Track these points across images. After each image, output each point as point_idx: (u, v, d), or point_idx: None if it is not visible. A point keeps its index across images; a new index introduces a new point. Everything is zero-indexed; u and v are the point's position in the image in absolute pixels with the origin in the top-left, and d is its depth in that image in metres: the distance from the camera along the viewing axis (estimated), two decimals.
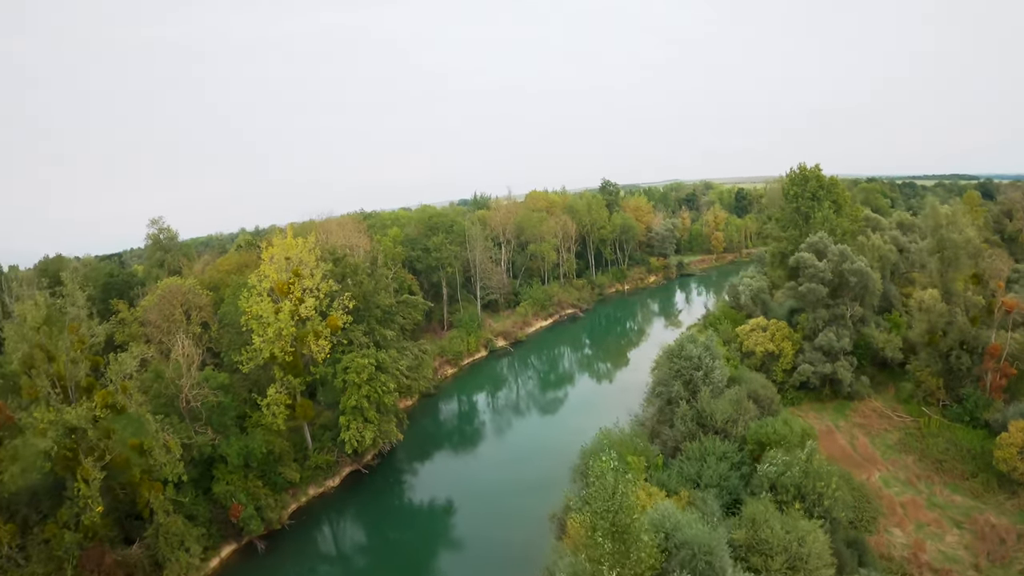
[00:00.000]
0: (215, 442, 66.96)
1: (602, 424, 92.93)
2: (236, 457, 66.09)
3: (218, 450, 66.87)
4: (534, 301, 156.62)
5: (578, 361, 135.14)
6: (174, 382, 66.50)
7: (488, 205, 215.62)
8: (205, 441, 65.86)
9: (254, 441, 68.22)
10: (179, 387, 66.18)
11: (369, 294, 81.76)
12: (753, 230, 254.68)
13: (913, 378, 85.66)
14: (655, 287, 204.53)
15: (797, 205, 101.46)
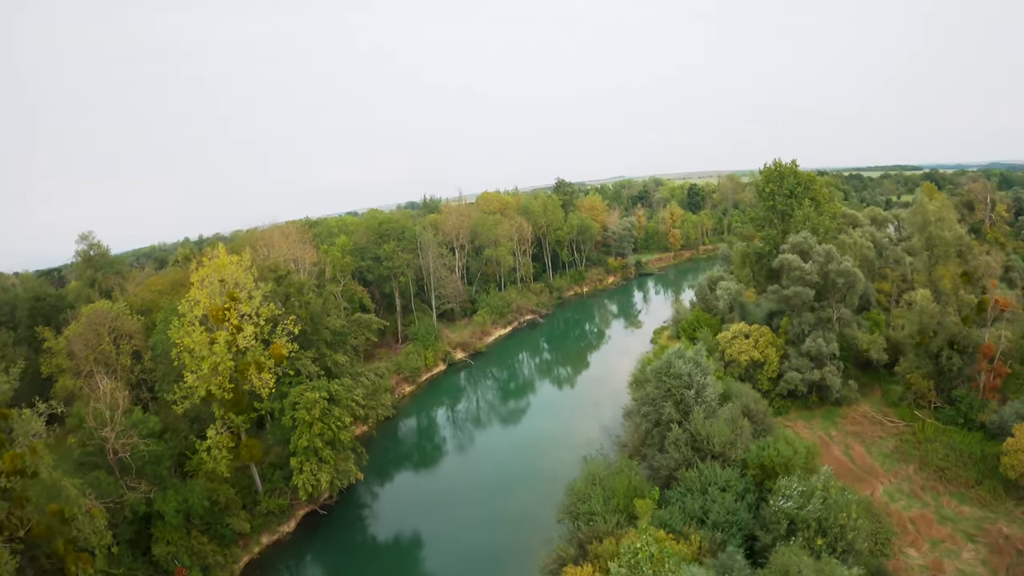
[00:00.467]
0: (151, 496, 58.08)
1: (575, 441, 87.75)
2: (175, 514, 57.36)
3: (154, 506, 58.00)
4: (492, 309, 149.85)
5: (543, 372, 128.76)
6: (97, 432, 57.21)
7: (438, 208, 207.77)
8: (138, 498, 57.00)
9: (194, 493, 59.46)
10: (104, 437, 56.98)
11: (317, 315, 73.42)
12: (709, 226, 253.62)
13: (903, 380, 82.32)
14: (614, 288, 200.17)
15: (773, 203, 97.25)
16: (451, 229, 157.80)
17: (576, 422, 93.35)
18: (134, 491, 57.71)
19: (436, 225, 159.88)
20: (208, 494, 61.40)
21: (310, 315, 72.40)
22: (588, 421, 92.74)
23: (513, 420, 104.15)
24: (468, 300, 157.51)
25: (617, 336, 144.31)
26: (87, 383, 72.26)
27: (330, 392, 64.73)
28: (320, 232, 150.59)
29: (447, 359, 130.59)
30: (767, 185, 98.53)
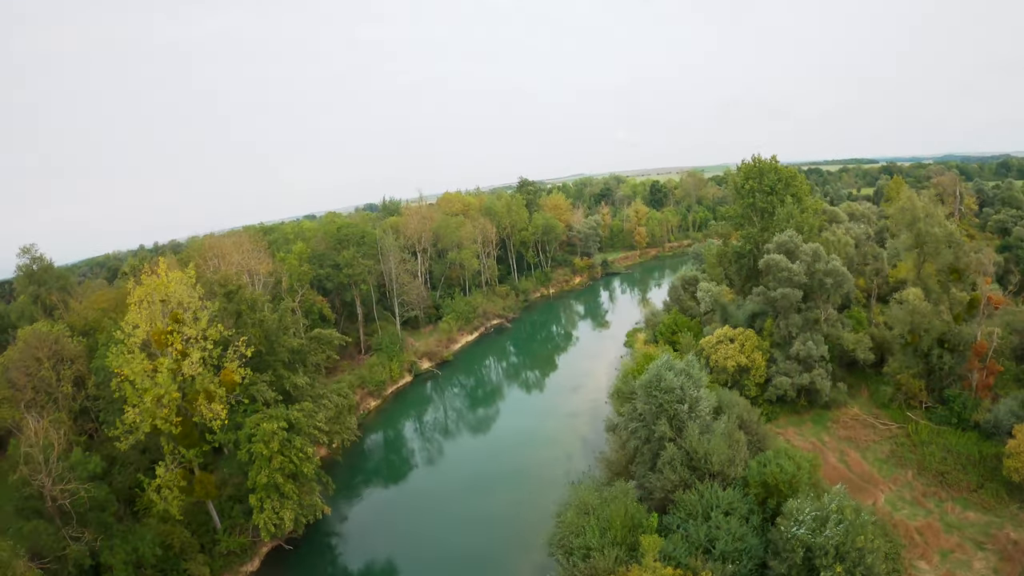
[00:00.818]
0: (96, 547, 51.60)
1: (555, 456, 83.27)
2: (123, 567, 51.01)
3: (100, 558, 51.53)
4: (457, 314, 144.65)
5: (515, 381, 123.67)
6: (30, 478, 50.53)
7: (399, 210, 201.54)
8: (82, 550, 50.54)
9: (144, 540, 53.17)
10: (40, 482, 50.33)
11: (273, 334, 67.33)
12: (674, 223, 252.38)
13: (892, 381, 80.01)
14: (581, 288, 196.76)
15: (753, 200, 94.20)
16: (412, 232, 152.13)
17: (555, 437, 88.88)
18: (78, 541, 51.25)
19: (397, 228, 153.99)
20: (160, 539, 55.13)
21: (265, 334, 66.29)
22: (567, 436, 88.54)
23: (486, 435, 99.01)
24: (433, 306, 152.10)
25: (588, 339, 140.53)
26: (23, 417, 65.01)
27: (289, 420, 58.80)
28: (275, 239, 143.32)
29: (413, 370, 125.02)
30: (746, 182, 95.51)
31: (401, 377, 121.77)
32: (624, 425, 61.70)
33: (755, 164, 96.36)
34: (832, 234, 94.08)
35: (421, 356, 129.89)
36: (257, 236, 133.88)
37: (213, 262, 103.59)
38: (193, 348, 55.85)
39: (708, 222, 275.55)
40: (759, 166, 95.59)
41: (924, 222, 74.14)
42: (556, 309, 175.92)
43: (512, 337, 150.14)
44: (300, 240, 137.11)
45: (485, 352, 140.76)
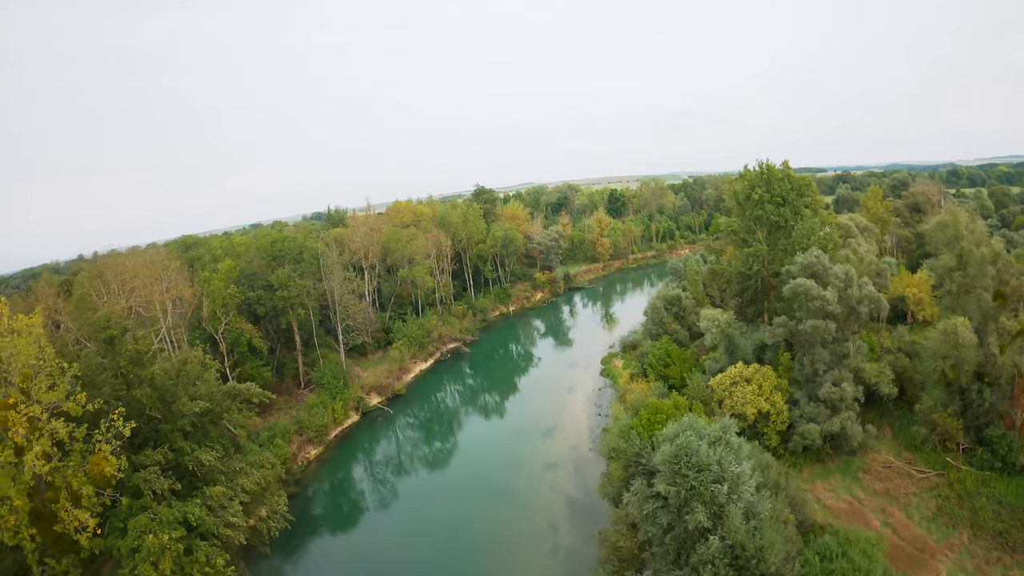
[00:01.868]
0: None
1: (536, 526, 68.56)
2: None
3: None
4: (410, 339, 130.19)
5: (477, 420, 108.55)
6: None
7: (344, 221, 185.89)
8: None
9: None
10: None
11: (169, 394, 51.91)
12: (637, 234, 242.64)
13: (924, 419, 69.42)
14: (543, 305, 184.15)
15: (762, 212, 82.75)
16: (359, 246, 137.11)
17: (532, 498, 74.64)
18: None
19: (342, 241, 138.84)
20: None
21: (159, 395, 51.02)
22: (548, 496, 74.89)
23: (450, 501, 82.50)
24: (382, 329, 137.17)
25: (558, 366, 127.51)
26: None
27: (189, 521, 43.80)
28: (198, 256, 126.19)
29: (360, 407, 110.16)
30: (752, 191, 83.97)
31: (346, 418, 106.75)
32: (636, 504, 48.72)
33: (762, 171, 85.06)
34: (853, 251, 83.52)
35: (369, 390, 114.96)
36: (175, 253, 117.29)
37: (115, 287, 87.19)
38: (40, 430, 40.22)
39: (672, 232, 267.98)
40: (768, 173, 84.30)
41: (967, 240, 63.81)
42: (518, 329, 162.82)
43: (472, 363, 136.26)
44: (229, 256, 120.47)
45: (442, 382, 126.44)
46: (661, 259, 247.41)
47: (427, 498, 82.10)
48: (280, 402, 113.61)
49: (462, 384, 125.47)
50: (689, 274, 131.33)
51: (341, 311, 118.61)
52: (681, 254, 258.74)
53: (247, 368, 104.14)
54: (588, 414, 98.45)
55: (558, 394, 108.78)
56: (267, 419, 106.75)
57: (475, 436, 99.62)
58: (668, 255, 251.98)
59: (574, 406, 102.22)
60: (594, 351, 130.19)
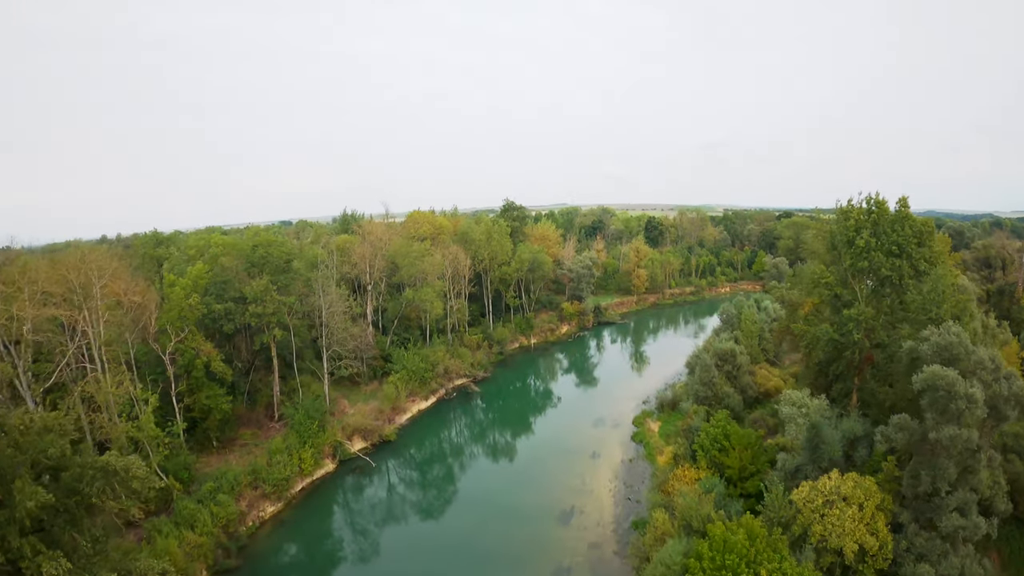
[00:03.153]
0: None
1: None
2: None
3: None
4: (409, 373, 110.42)
5: (473, 485, 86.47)
6: None
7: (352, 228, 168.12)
8: None
9: None
10: None
11: (7, 470, 32.37)
12: (676, 267, 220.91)
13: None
14: (568, 339, 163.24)
15: (867, 263, 61.71)
16: (363, 258, 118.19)
17: None
18: None
19: (345, 251, 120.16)
20: None
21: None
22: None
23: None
24: (381, 356, 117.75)
25: (581, 419, 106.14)
26: None
27: None
28: (167, 255, 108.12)
29: (339, 453, 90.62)
30: (856, 234, 62.93)
31: (318, 467, 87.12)
32: None
33: (871, 209, 64.01)
34: (981, 324, 62.04)
35: (352, 433, 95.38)
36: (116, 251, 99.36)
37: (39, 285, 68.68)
38: None
39: (713, 267, 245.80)
40: (878, 213, 63.23)
41: None
42: (538, 366, 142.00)
43: (480, 407, 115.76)
44: (205, 257, 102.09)
45: (440, 430, 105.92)
46: (699, 296, 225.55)
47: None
48: (246, 435, 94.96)
49: (464, 435, 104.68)
50: (744, 324, 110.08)
51: (328, 334, 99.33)
52: (721, 292, 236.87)
53: (202, 397, 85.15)
54: (615, 496, 77.47)
55: (579, 462, 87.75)
56: (225, 457, 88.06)
57: (469, 512, 78.61)
58: (707, 292, 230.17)
59: (598, 482, 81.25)
60: (624, 405, 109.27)
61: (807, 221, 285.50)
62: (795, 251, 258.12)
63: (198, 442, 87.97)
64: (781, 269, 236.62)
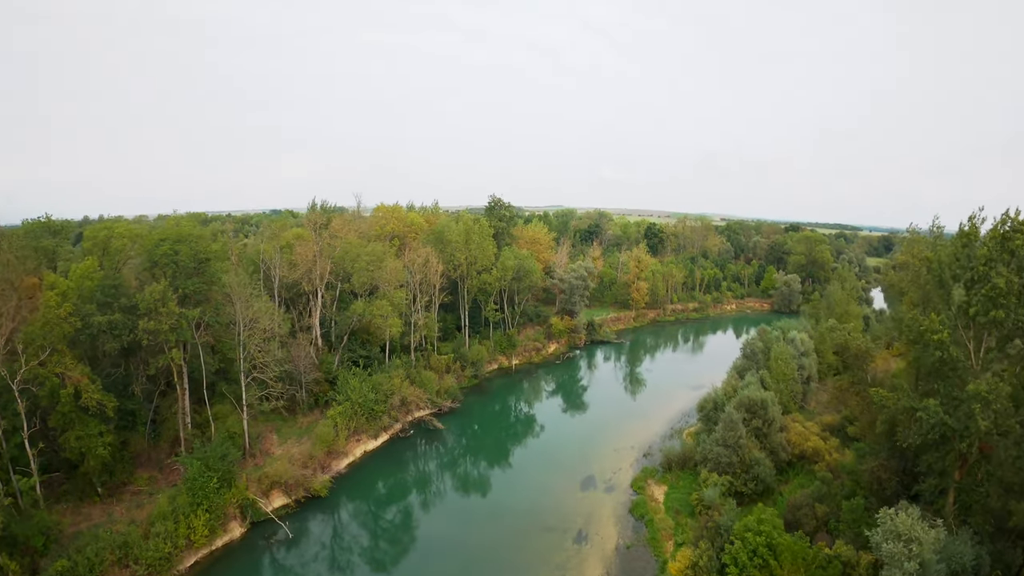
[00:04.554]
0: None
1: None
2: None
3: None
4: (354, 406, 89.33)
5: (414, 570, 66.25)
6: None
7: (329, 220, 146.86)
8: None
9: None
10: None
11: None
12: (678, 279, 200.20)
13: None
14: (556, 361, 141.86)
15: (1003, 313, 40.95)
16: (303, 259, 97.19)
17: None
18: None
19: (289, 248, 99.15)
20: None
21: None
22: None
23: None
24: (327, 379, 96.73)
25: (565, 478, 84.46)
26: None
27: None
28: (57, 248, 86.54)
29: (249, 513, 69.60)
30: (989, 268, 42.20)
31: (216, 536, 65.95)
32: None
33: (1006, 235, 43.14)
34: None
35: (271, 486, 74.45)
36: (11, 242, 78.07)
37: None
38: None
39: (718, 282, 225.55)
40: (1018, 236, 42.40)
41: None
42: (519, 396, 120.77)
43: (441, 450, 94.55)
44: (96, 251, 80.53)
45: (386, 480, 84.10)
46: (703, 313, 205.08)
47: None
48: (142, 480, 74.48)
49: (413, 494, 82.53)
50: (775, 363, 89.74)
51: (247, 357, 78.12)
52: (727, 310, 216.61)
53: (72, 437, 64.05)
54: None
55: (560, 547, 66.40)
56: (111, 508, 67.62)
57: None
58: (712, 309, 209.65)
59: (587, 564, 60.61)
60: (621, 456, 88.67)
61: (821, 236, 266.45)
62: (806, 268, 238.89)
63: (78, 489, 67.80)
64: (792, 288, 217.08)
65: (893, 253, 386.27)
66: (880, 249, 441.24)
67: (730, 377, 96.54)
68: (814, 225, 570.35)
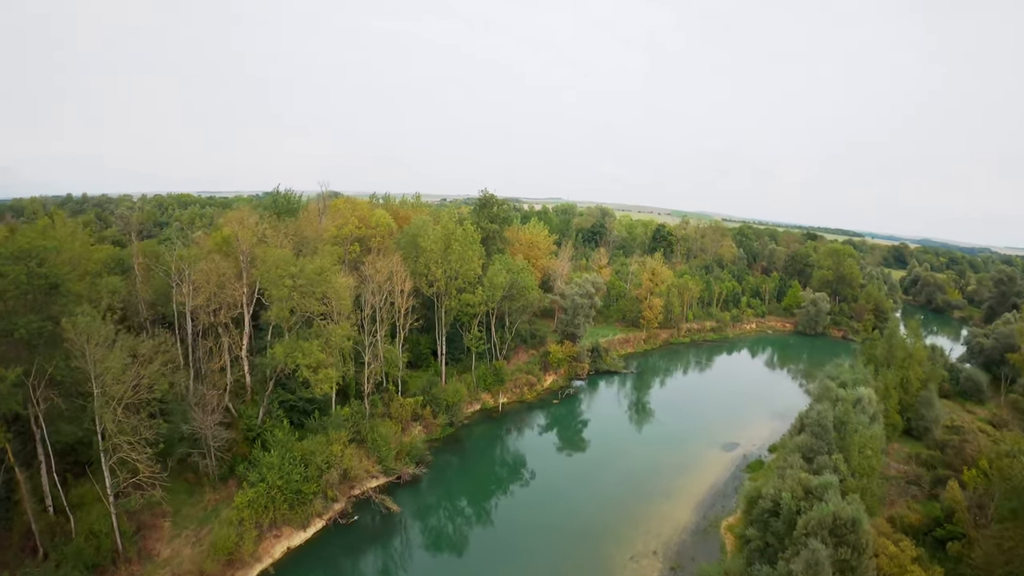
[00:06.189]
0: None
1: None
2: None
3: None
4: (269, 490, 64.75)
5: None
6: None
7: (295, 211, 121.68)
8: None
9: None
10: None
11: None
12: (695, 294, 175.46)
13: None
14: (553, 399, 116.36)
15: None
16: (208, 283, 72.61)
17: None
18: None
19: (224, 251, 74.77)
20: None
21: None
22: None
23: None
24: (250, 435, 72.40)
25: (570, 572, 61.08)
26: None
27: None
28: None
29: None
30: None
31: None
32: None
33: None
34: None
35: None
36: None
37: None
38: None
39: (737, 297, 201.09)
40: None
41: None
42: (505, 452, 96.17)
43: (397, 543, 70.08)
44: None
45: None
46: (722, 334, 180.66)
47: None
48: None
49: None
50: (857, 452, 66.05)
51: (112, 431, 53.44)
52: (747, 329, 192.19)
53: None
54: None
55: None
56: None
57: None
58: (730, 329, 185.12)
59: None
60: (640, 569, 64.51)
61: (848, 249, 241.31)
62: (832, 283, 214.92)
63: None
64: (820, 307, 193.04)
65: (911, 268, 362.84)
66: (890, 260, 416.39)
67: (788, 455, 72.11)
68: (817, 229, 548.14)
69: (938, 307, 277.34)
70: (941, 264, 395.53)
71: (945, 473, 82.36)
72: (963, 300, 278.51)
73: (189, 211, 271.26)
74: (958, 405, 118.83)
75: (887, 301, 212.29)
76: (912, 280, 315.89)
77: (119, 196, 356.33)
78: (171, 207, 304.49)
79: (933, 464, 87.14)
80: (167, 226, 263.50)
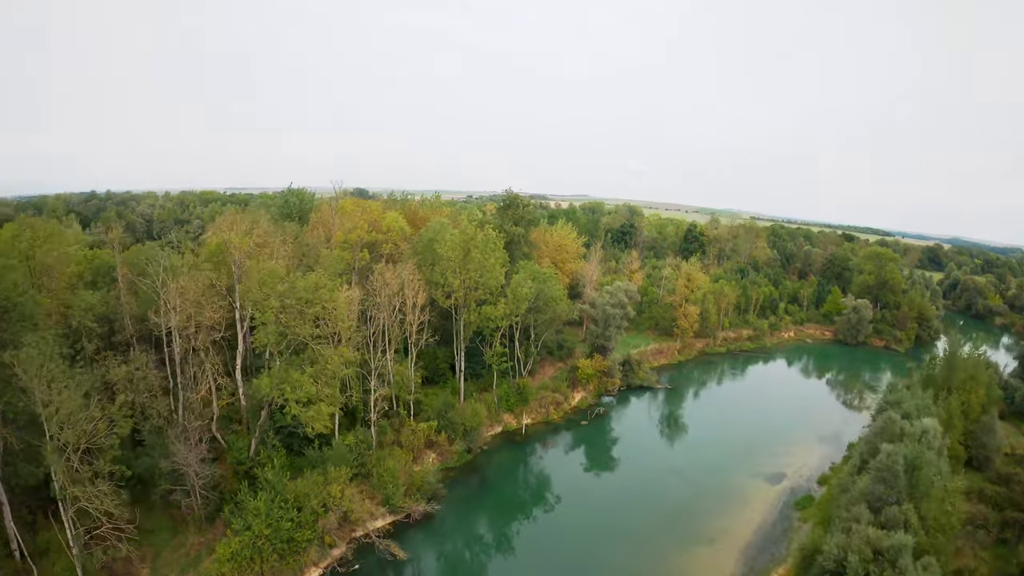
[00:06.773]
0: None
1: None
2: None
3: None
4: (255, 539, 56.56)
5: None
6: None
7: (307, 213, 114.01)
8: None
9: None
10: None
11: None
12: (732, 299, 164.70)
13: None
14: (581, 420, 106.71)
15: None
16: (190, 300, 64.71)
17: None
18: None
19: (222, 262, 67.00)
20: None
21: None
22: None
23: None
24: (241, 471, 64.53)
25: None
26: None
27: None
28: None
29: None
30: None
31: None
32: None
33: None
34: None
35: None
36: None
37: None
38: None
39: (775, 303, 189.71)
40: None
41: None
42: (530, 478, 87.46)
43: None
44: None
45: None
46: (759, 343, 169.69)
47: None
48: None
49: None
50: (932, 504, 56.30)
51: (66, 481, 45.73)
52: (784, 338, 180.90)
53: None
54: None
55: None
56: None
57: None
58: (768, 338, 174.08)
59: None
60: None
61: (891, 253, 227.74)
62: (873, 289, 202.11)
63: None
64: (862, 315, 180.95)
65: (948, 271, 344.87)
66: (925, 262, 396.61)
67: (851, 504, 62.09)
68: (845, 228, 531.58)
69: (978, 313, 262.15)
70: (977, 267, 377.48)
71: (1014, 516, 73.20)
72: (1004, 306, 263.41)
73: (210, 208, 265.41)
74: (1012, 427, 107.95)
75: (931, 308, 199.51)
76: (951, 284, 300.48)
77: (143, 193, 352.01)
78: (192, 204, 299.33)
79: (999, 503, 77.68)
80: (187, 223, 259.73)
